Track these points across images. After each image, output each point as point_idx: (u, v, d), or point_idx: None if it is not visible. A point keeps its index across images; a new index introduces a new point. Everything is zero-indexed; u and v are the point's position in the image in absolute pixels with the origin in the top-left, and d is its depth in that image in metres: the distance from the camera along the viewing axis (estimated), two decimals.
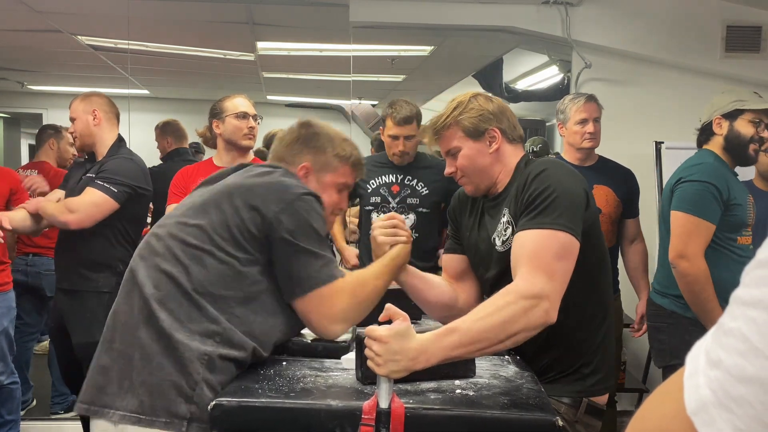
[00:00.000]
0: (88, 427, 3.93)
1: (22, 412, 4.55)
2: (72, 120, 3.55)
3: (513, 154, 2.00)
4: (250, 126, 3.41)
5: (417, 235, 3.54)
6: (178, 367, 1.65)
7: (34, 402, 4.90)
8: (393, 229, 2.01)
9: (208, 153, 3.91)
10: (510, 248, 1.82)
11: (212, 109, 3.49)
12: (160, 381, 1.65)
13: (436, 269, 3.03)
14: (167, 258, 1.77)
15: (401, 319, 1.54)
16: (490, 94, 2.08)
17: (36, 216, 3.40)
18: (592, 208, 1.88)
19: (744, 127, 3.00)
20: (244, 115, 3.40)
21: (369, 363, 1.52)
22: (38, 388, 4.95)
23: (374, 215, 3.59)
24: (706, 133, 3.10)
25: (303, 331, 1.97)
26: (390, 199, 3.59)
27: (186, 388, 1.64)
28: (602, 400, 1.96)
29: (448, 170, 2.05)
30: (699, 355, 0.61)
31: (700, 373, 0.59)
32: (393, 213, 2.17)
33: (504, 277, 1.84)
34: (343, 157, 2.02)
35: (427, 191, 3.59)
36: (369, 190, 3.62)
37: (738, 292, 0.59)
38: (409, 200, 3.58)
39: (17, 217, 3.38)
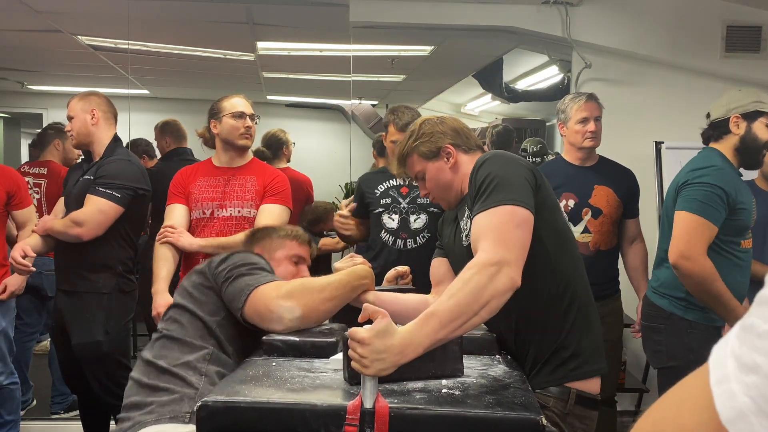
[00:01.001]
0: (88, 428, 3.96)
1: (22, 412, 4.57)
2: (69, 118, 3.56)
3: (470, 162, 2.09)
4: (247, 126, 3.40)
5: (429, 235, 3.51)
6: (180, 385, 1.91)
7: (34, 402, 4.90)
8: (351, 259, 2.31)
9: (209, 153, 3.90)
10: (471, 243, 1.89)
11: (210, 109, 3.50)
12: (168, 398, 1.89)
13: None
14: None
15: (381, 317, 1.55)
16: (441, 116, 2.26)
17: (47, 236, 3.46)
18: (546, 189, 1.94)
19: (761, 130, 2.91)
20: (240, 115, 3.39)
21: (354, 365, 1.52)
22: (38, 388, 4.95)
23: (385, 217, 3.53)
24: (719, 129, 2.98)
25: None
26: (400, 199, 3.55)
27: (189, 395, 1.87)
28: (593, 388, 1.95)
29: (422, 192, 2.27)
30: (726, 360, 0.57)
31: (732, 380, 0.56)
32: (352, 253, 2.41)
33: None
34: (287, 235, 2.43)
35: None
36: (377, 194, 3.57)
37: (766, 292, 0.56)
38: (419, 200, 3.55)
39: (33, 243, 3.44)
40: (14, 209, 3.79)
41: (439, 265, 2.30)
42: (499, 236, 1.72)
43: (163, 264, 3.26)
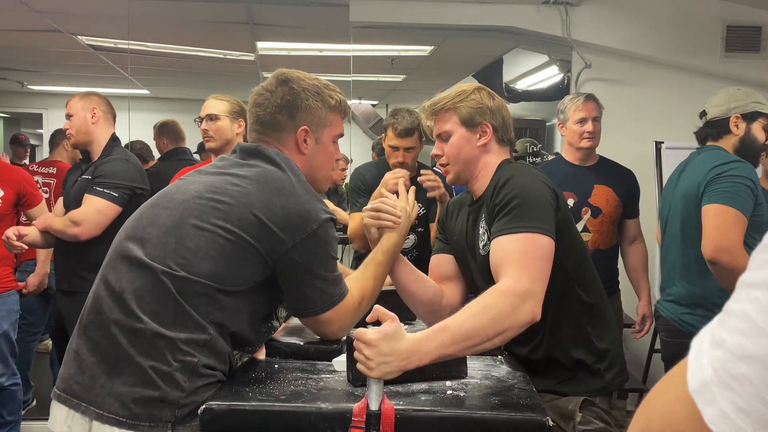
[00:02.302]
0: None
1: (22, 412, 4.56)
2: (68, 117, 3.56)
3: (498, 154, 2.04)
4: (203, 129, 3.43)
5: (417, 253, 3.52)
6: (161, 375, 1.59)
7: (34, 402, 4.89)
8: (377, 213, 2.02)
9: None
10: (488, 253, 1.86)
11: None
12: (142, 389, 1.58)
13: None
14: (158, 254, 1.68)
15: (390, 320, 1.54)
16: (494, 93, 2.12)
17: (46, 232, 3.45)
18: (564, 209, 1.93)
19: (759, 132, 2.87)
20: (200, 120, 3.45)
21: (360, 366, 1.51)
22: (38, 388, 4.95)
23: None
24: (718, 128, 2.92)
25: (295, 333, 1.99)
26: None
27: (171, 397, 1.58)
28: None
29: (435, 151, 2.08)
30: (704, 338, 0.62)
31: (704, 354, 0.60)
32: (384, 198, 2.07)
33: (491, 283, 1.86)
34: (334, 108, 1.94)
35: (423, 211, 3.58)
36: None
37: (744, 275, 0.60)
38: None
39: (30, 232, 3.42)
40: (26, 209, 3.81)
41: (442, 263, 2.22)
42: (526, 265, 1.71)
43: None
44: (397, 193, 2.09)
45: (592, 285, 2.00)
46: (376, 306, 1.60)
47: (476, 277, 2.05)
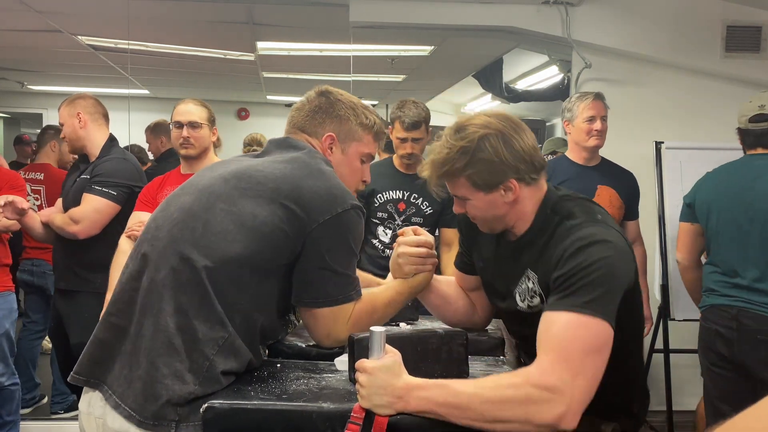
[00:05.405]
0: None
1: (30, 410, 4.56)
2: (61, 125, 3.57)
3: (532, 196, 1.76)
4: (184, 136, 3.23)
5: None
6: (173, 371, 1.58)
7: (45, 399, 4.89)
8: (421, 259, 1.92)
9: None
10: (535, 311, 1.70)
11: None
12: (152, 381, 1.58)
13: None
14: (186, 240, 1.67)
15: (391, 353, 1.50)
16: (503, 129, 1.72)
17: (47, 227, 3.45)
18: (637, 286, 1.74)
19: None
20: (178, 124, 3.26)
21: (359, 397, 1.48)
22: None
23: (380, 229, 3.56)
24: None
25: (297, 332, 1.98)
26: (396, 216, 3.54)
27: (177, 396, 1.57)
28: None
29: (456, 209, 1.85)
30: None
31: None
32: (425, 237, 1.94)
33: (519, 314, 1.82)
34: (367, 126, 1.94)
35: (431, 210, 3.56)
36: (377, 204, 3.56)
37: None
38: (413, 219, 3.52)
39: (33, 215, 3.41)
40: None
41: (468, 281, 2.09)
42: (568, 357, 1.45)
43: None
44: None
45: (641, 338, 1.97)
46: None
47: (502, 303, 1.91)
